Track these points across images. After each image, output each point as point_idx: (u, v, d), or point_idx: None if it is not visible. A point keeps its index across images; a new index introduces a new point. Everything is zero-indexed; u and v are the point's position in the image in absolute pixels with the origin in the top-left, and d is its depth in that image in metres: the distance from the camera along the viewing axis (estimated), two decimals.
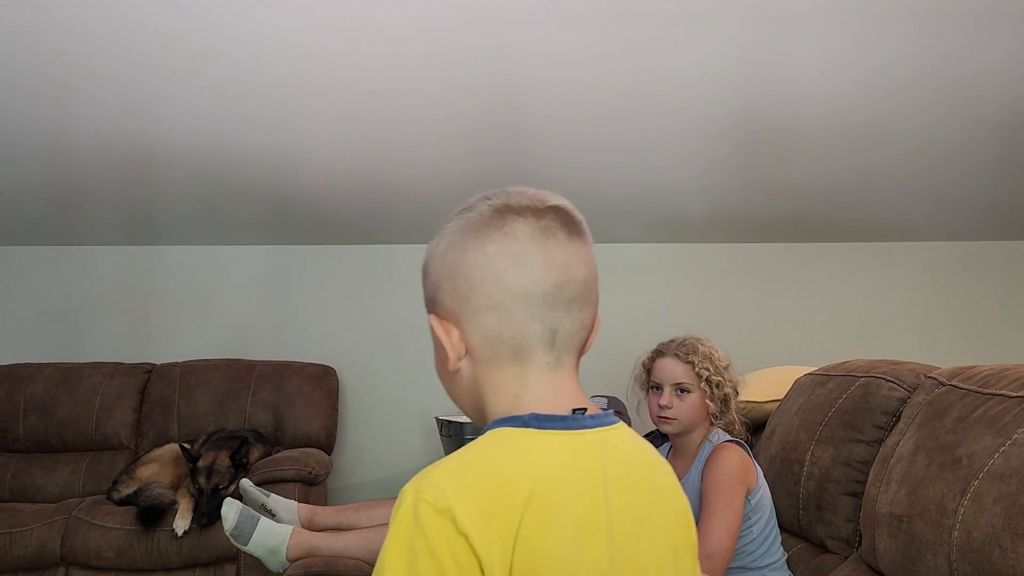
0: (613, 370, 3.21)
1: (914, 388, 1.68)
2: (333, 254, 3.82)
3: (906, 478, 1.45)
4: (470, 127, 2.98)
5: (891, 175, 3.30)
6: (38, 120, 2.97)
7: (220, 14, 2.47)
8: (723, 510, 1.64)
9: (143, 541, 2.82)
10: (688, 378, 1.81)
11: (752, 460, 1.76)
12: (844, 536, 1.72)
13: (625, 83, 2.77)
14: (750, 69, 2.73)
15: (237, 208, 3.56)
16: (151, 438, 3.40)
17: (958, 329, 3.73)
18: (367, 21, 2.49)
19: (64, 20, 2.49)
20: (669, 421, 1.82)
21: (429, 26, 2.50)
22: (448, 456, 0.76)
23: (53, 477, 3.32)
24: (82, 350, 3.68)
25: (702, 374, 1.78)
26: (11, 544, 2.85)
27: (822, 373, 2.00)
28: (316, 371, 3.55)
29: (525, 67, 2.69)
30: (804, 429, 1.87)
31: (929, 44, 2.59)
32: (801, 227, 3.69)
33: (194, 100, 2.86)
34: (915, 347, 3.17)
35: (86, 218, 3.64)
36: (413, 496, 0.69)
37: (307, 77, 2.73)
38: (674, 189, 3.41)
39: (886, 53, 2.64)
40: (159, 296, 3.81)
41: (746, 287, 3.78)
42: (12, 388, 3.46)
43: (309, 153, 3.16)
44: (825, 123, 2.98)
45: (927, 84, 2.77)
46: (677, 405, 1.80)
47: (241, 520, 2.15)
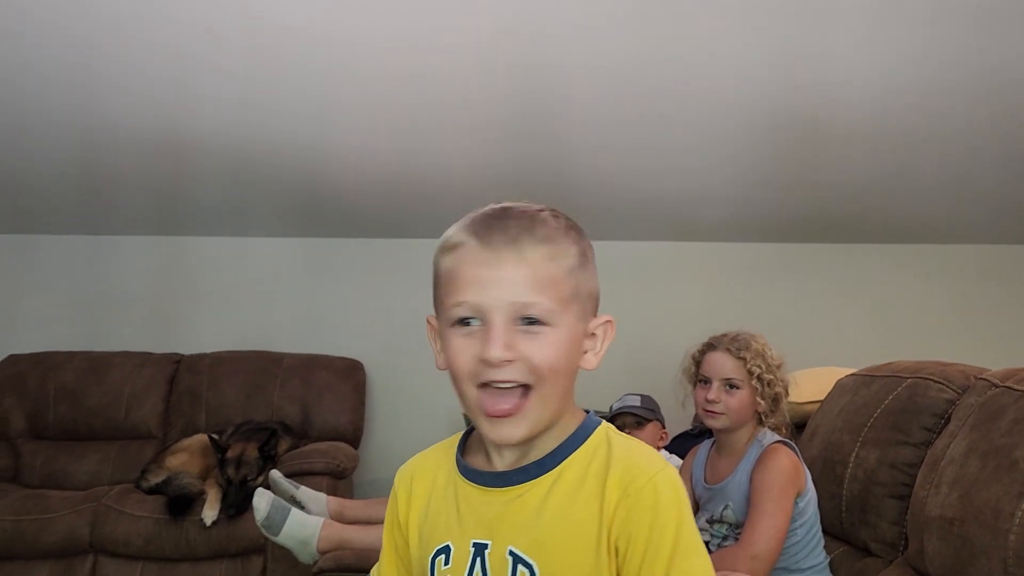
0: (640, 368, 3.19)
1: (964, 390, 1.64)
2: (363, 247, 3.81)
3: (958, 481, 1.42)
4: (501, 117, 2.95)
5: (926, 176, 3.24)
6: (70, 110, 2.99)
7: (252, 2, 2.46)
8: (773, 512, 1.61)
9: (171, 530, 2.83)
10: (739, 374, 1.77)
11: (802, 462, 1.72)
12: (889, 539, 1.68)
13: (654, 79, 2.75)
14: (782, 65, 2.69)
15: (267, 199, 3.57)
16: (179, 428, 3.42)
17: (992, 333, 3.66)
18: (398, 8, 2.47)
19: (97, 10, 2.50)
20: (716, 416, 1.78)
21: (456, 10, 2.48)
22: (640, 445, 0.91)
23: (82, 465, 3.35)
24: (112, 339, 3.70)
25: (753, 371, 1.75)
26: (40, 531, 2.87)
27: (866, 374, 1.96)
28: (344, 365, 3.55)
29: (552, 50, 2.65)
30: (848, 430, 1.83)
31: (967, 42, 2.55)
32: (832, 227, 3.64)
33: (225, 90, 2.86)
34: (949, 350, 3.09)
35: (117, 208, 3.66)
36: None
37: (336, 65, 2.71)
38: (703, 187, 3.37)
39: (923, 51, 2.59)
40: (188, 286, 3.82)
41: (777, 288, 3.73)
42: (43, 376, 3.48)
43: (340, 144, 3.15)
44: (859, 121, 2.93)
45: (966, 83, 2.72)
46: (725, 400, 1.77)
47: (272, 511, 2.15)
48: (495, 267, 0.84)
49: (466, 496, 0.92)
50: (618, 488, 0.85)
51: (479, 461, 0.93)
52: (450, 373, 0.88)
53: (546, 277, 0.84)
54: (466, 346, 0.85)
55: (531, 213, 0.88)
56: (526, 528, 0.86)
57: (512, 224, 0.86)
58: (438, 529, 0.93)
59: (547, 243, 0.85)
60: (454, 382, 0.88)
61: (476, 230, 0.86)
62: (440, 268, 0.89)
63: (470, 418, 0.90)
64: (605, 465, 0.87)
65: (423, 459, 1.01)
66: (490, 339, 0.83)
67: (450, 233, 0.89)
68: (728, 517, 1.75)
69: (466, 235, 0.87)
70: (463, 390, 0.87)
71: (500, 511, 0.88)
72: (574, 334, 0.88)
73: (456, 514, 0.91)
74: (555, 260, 0.86)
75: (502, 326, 0.83)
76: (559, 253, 0.86)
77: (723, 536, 1.75)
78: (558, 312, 0.85)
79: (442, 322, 0.89)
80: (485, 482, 0.91)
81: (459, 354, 0.86)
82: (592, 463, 0.88)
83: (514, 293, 0.83)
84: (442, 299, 0.88)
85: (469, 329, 0.85)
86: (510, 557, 0.86)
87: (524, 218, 0.87)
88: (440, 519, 0.93)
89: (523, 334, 0.84)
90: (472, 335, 0.85)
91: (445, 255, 0.88)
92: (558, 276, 0.85)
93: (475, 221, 0.88)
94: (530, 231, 0.85)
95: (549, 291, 0.84)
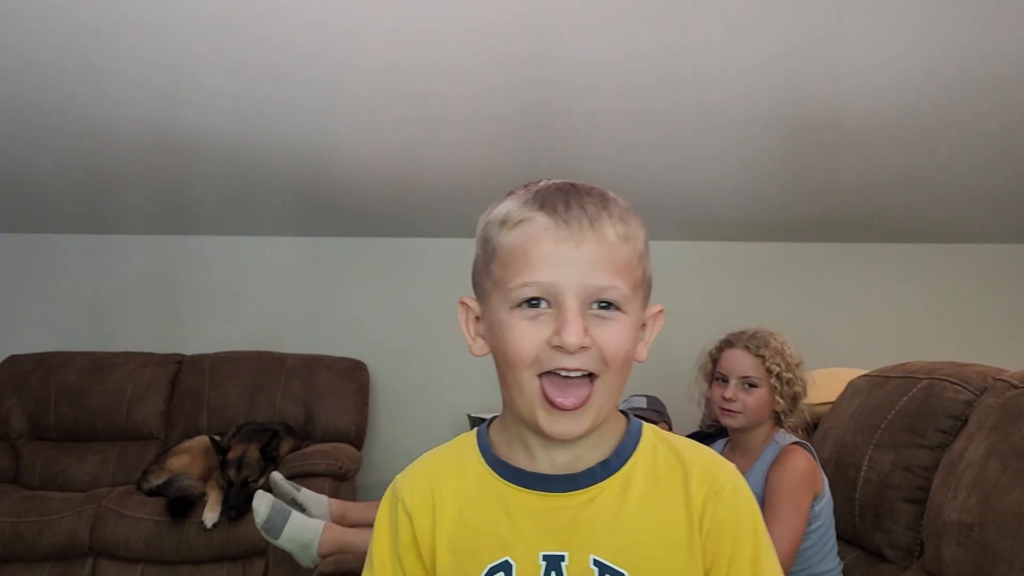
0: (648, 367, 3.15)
1: (981, 391, 1.60)
2: (366, 246, 3.78)
3: (978, 485, 1.38)
4: (508, 112, 2.91)
5: (942, 174, 3.20)
6: (73, 108, 2.96)
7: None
8: (789, 516, 1.56)
9: (172, 532, 2.79)
10: (757, 372, 1.73)
11: (819, 465, 1.68)
12: (904, 545, 1.64)
13: (663, 72, 2.70)
14: (794, 62, 2.65)
15: (270, 198, 3.54)
16: (181, 429, 3.38)
17: (1006, 332, 3.61)
18: (404, 1, 2.43)
19: (100, 6, 2.47)
20: (733, 415, 1.74)
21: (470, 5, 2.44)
22: (695, 443, 0.88)
23: (83, 466, 3.32)
24: (114, 339, 3.67)
25: (772, 369, 1.71)
26: (40, 532, 2.84)
27: (880, 375, 1.92)
28: (347, 365, 3.52)
29: (561, 42, 2.61)
30: (861, 432, 1.79)
31: (982, 37, 2.50)
32: (845, 226, 3.60)
33: (228, 88, 2.83)
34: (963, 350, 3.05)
35: (120, 207, 3.63)
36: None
37: (342, 58, 2.67)
38: (712, 183, 3.33)
39: (938, 45, 2.55)
40: (190, 286, 3.80)
41: (788, 287, 3.69)
42: (45, 375, 3.45)
43: (344, 142, 3.12)
44: (871, 118, 2.89)
45: (980, 78, 2.67)
46: (743, 399, 1.73)
47: (272, 513, 2.12)
48: (573, 246, 0.78)
49: (522, 503, 0.82)
50: (703, 486, 0.81)
51: (521, 461, 0.84)
52: (501, 360, 0.81)
53: (622, 260, 0.80)
54: (532, 330, 0.78)
55: (600, 191, 0.83)
56: (607, 534, 0.80)
57: (588, 201, 0.80)
58: (485, 544, 0.82)
59: (622, 223, 0.80)
60: (507, 370, 0.81)
61: (547, 205, 0.80)
62: (499, 245, 0.81)
63: (519, 410, 0.81)
64: (677, 463, 0.83)
65: (435, 465, 0.90)
66: (566, 323, 0.76)
67: (509, 208, 0.82)
68: None
69: (533, 210, 0.80)
70: (519, 378, 0.79)
71: (573, 517, 0.81)
72: (638, 323, 0.83)
73: (511, 524, 0.82)
74: (629, 242, 0.81)
75: (577, 309, 0.77)
76: (632, 235, 0.81)
77: None
78: (630, 298, 0.80)
79: (498, 304, 0.81)
80: (546, 486, 0.82)
81: (523, 339, 0.78)
82: (657, 461, 0.84)
83: (592, 275, 0.78)
84: (502, 279, 0.80)
85: (536, 312, 0.78)
86: (595, 567, 0.79)
87: (596, 195, 0.81)
88: (486, 532, 0.82)
89: (596, 319, 0.78)
90: (539, 318, 0.78)
91: (507, 231, 0.81)
92: (632, 260, 0.81)
93: (541, 195, 0.81)
94: (607, 210, 0.80)
95: (625, 275, 0.80)
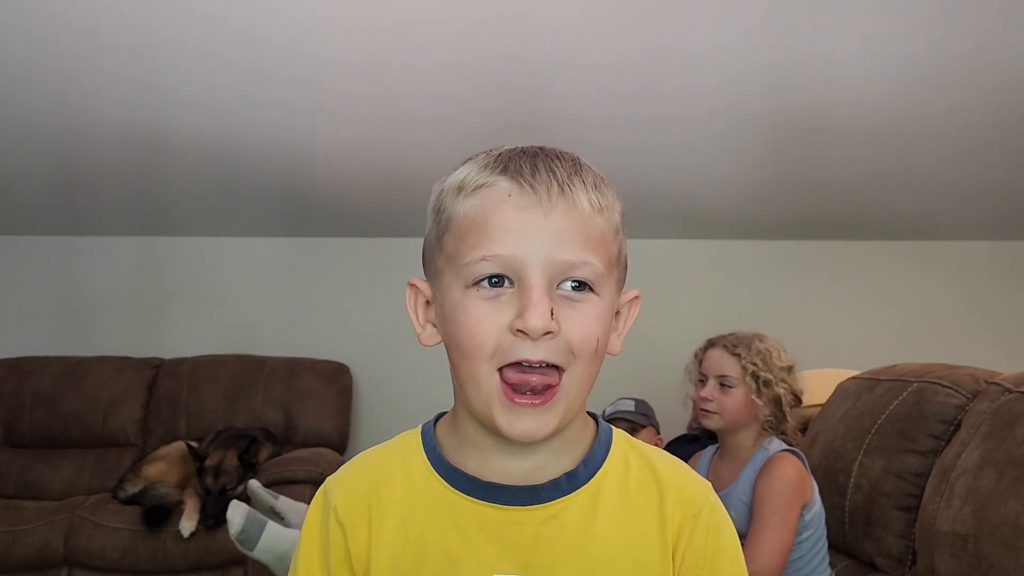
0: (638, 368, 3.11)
1: (974, 394, 1.55)
2: (347, 247, 3.72)
3: (972, 494, 1.33)
4: (492, 112, 2.87)
5: (930, 171, 3.16)
6: (47, 108, 2.91)
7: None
8: (777, 525, 1.52)
9: (148, 542, 2.73)
10: (733, 371, 1.70)
11: (809, 473, 1.63)
12: (895, 554, 1.60)
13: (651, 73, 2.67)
14: (782, 60, 2.61)
15: (250, 198, 3.48)
16: (159, 435, 3.32)
17: (998, 332, 3.58)
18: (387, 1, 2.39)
19: (72, 4, 2.41)
20: (709, 415, 1.72)
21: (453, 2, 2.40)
22: (667, 454, 0.79)
23: (58, 474, 3.26)
24: (89, 343, 3.61)
25: (748, 368, 1.66)
26: (13, 543, 2.77)
27: (869, 377, 1.88)
28: (329, 368, 3.46)
29: (547, 42, 2.58)
30: (851, 437, 1.74)
31: (968, 36, 2.47)
32: (834, 224, 3.56)
33: (204, 88, 2.77)
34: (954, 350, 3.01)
35: (95, 208, 3.57)
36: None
37: (323, 55, 2.63)
38: (701, 184, 3.30)
39: (924, 45, 2.52)
40: (168, 288, 3.74)
41: (776, 286, 3.65)
42: (18, 382, 3.38)
43: (324, 141, 3.07)
44: (861, 116, 2.85)
45: (968, 77, 2.65)
46: (719, 399, 1.70)
47: (247, 524, 2.06)
48: (540, 214, 0.67)
49: (475, 517, 0.72)
50: (680, 508, 0.73)
51: (472, 467, 0.73)
52: (454, 350, 0.70)
53: (596, 232, 0.69)
54: (491, 313, 0.67)
55: (572, 156, 0.73)
56: (571, 556, 0.70)
57: (558, 165, 0.70)
58: (431, 562, 0.71)
59: (597, 192, 0.70)
60: (460, 362, 0.69)
61: (510, 168, 0.69)
62: (454, 215, 0.70)
63: (473, 409, 0.70)
64: (651, 478, 0.74)
65: (375, 467, 0.77)
66: (530, 303, 0.65)
67: (467, 172, 0.71)
68: None
69: (494, 174, 0.69)
70: (474, 373, 0.68)
71: (533, 535, 0.71)
72: (613, 308, 0.73)
73: (462, 540, 0.71)
74: (604, 214, 0.70)
75: (543, 288, 0.66)
76: (608, 206, 0.71)
77: None
78: (605, 277, 0.70)
79: (451, 284, 0.70)
80: (503, 498, 0.71)
81: (480, 324, 0.67)
82: (629, 474, 0.74)
83: (561, 248, 0.67)
84: (457, 253, 0.69)
85: (496, 291, 0.67)
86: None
87: (567, 160, 0.71)
88: (432, 548, 0.72)
89: (565, 302, 0.68)
90: (499, 299, 0.67)
91: (464, 198, 0.70)
92: (607, 233, 0.71)
93: (505, 159, 0.71)
94: (580, 175, 0.70)
95: (599, 250, 0.69)
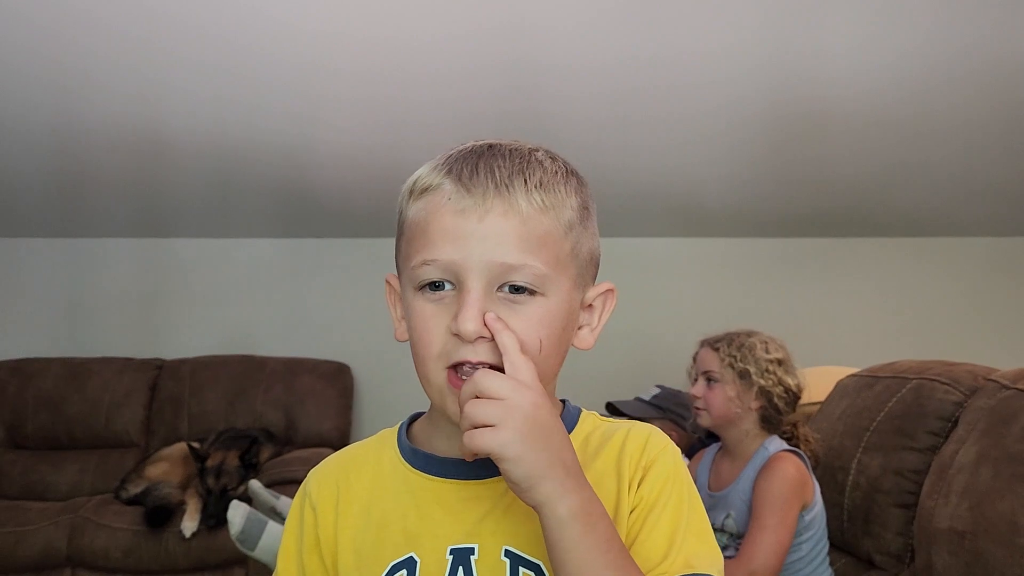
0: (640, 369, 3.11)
1: (972, 392, 1.55)
2: (348, 248, 3.72)
3: (969, 490, 1.33)
4: (491, 114, 2.87)
5: (931, 167, 3.15)
6: (47, 110, 2.91)
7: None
8: (775, 526, 1.51)
9: (151, 542, 2.74)
10: (717, 367, 1.70)
11: (810, 473, 1.63)
12: (894, 551, 1.60)
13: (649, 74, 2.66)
14: (781, 58, 2.61)
15: (249, 200, 3.48)
16: (161, 436, 3.33)
17: (999, 329, 3.57)
18: (381, 2, 2.39)
19: (73, 6, 2.42)
20: (699, 412, 1.73)
21: (445, 5, 2.41)
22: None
23: (61, 475, 3.26)
24: (91, 345, 3.61)
25: (724, 359, 1.68)
26: (17, 543, 2.79)
27: (868, 375, 1.88)
28: (329, 369, 3.46)
29: (542, 47, 2.58)
30: (849, 435, 1.74)
31: (970, 30, 2.46)
32: (834, 222, 3.56)
33: (205, 88, 2.78)
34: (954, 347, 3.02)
35: (95, 210, 3.57)
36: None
37: (321, 61, 2.64)
38: (701, 183, 3.29)
39: (925, 40, 2.51)
40: (169, 290, 3.74)
41: (775, 285, 3.64)
42: (21, 384, 3.39)
43: (324, 141, 3.07)
44: (860, 113, 2.85)
45: (969, 71, 2.64)
46: (706, 395, 1.71)
47: (248, 524, 2.07)
48: (475, 218, 0.69)
49: (434, 494, 0.75)
50: (636, 456, 0.73)
51: (442, 449, 0.77)
52: (412, 350, 0.73)
53: (538, 233, 0.70)
54: (436, 315, 0.70)
55: (523, 152, 0.73)
56: (523, 523, 0.71)
57: (500, 164, 0.71)
58: (390, 540, 0.74)
59: (542, 190, 0.71)
60: (415, 359, 0.73)
61: (454, 170, 0.71)
62: (406, 217, 0.74)
63: (432, 400, 0.74)
64: (610, 443, 0.75)
65: (350, 457, 0.82)
66: (462, 307, 0.68)
67: (421, 173, 0.74)
68: (729, 527, 1.66)
69: (441, 176, 0.72)
70: (426, 369, 0.72)
71: (490, 507, 0.73)
72: (568, 306, 0.73)
73: (419, 517, 0.74)
74: (550, 212, 0.71)
75: (479, 292, 0.68)
76: (555, 203, 0.71)
77: (723, 546, 1.66)
78: (551, 278, 0.71)
79: (405, 285, 0.74)
80: (463, 474, 0.74)
81: (426, 326, 0.71)
82: (588, 447, 0.75)
83: (498, 251, 0.68)
84: (407, 256, 0.73)
85: (439, 295, 0.70)
86: (507, 559, 0.71)
87: (515, 158, 0.72)
88: (391, 527, 0.75)
89: (505, 304, 0.69)
90: (443, 302, 0.70)
91: (413, 201, 0.73)
92: (553, 232, 0.71)
93: (453, 159, 0.73)
94: (524, 173, 0.71)
95: (541, 251, 0.70)
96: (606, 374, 2.97)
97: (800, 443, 1.69)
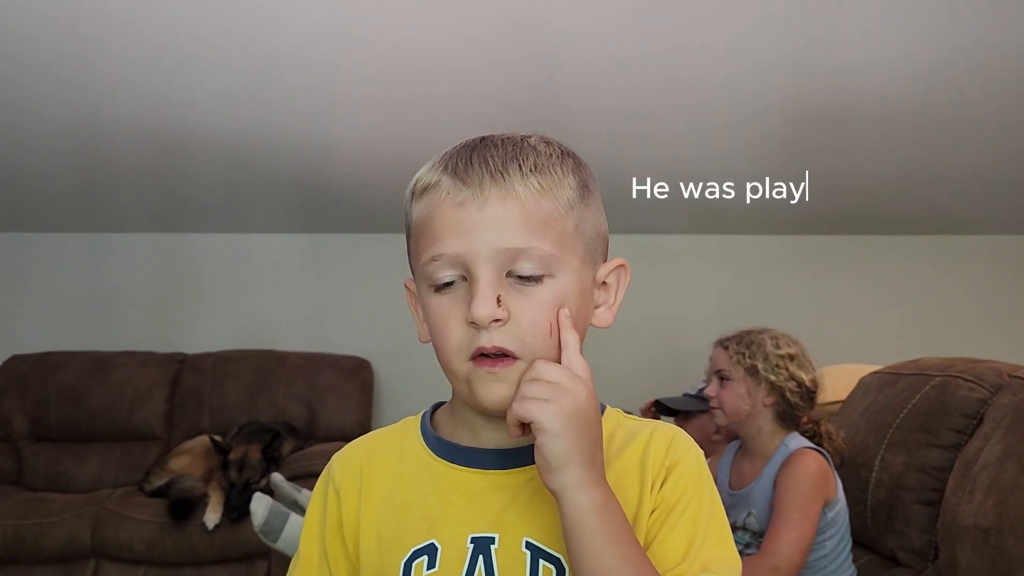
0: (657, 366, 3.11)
1: (997, 388, 1.55)
2: (368, 243, 3.73)
3: (994, 487, 1.33)
4: (509, 109, 2.87)
5: (954, 164, 3.13)
6: (68, 106, 2.93)
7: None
8: (798, 521, 1.51)
9: (174, 534, 2.77)
10: (727, 365, 1.70)
11: (832, 470, 1.62)
12: (918, 548, 1.59)
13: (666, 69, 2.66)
14: (799, 40, 2.58)
15: (270, 194, 3.50)
16: (183, 429, 3.36)
17: (1021, 327, 3.54)
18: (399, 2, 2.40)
19: (94, 4, 2.43)
20: (714, 411, 1.74)
21: (463, 4, 2.41)
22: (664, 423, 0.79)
23: (85, 467, 3.30)
24: (114, 338, 3.64)
25: (733, 356, 1.68)
26: (42, 535, 2.82)
27: (891, 372, 1.87)
28: (350, 364, 3.48)
29: (561, 42, 2.58)
30: (872, 432, 1.74)
31: (990, 27, 2.44)
32: (856, 219, 3.53)
33: (224, 84, 2.79)
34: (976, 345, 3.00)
35: (117, 205, 3.60)
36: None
37: (340, 58, 2.65)
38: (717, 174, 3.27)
39: (946, 36, 2.49)
40: (190, 284, 3.77)
41: (797, 282, 3.63)
42: (44, 376, 3.42)
43: (343, 137, 3.08)
44: (880, 109, 2.83)
45: (991, 68, 2.61)
46: (719, 394, 1.71)
47: (271, 516, 2.08)
48: (476, 207, 0.70)
49: (457, 482, 0.75)
50: (660, 457, 0.74)
51: (465, 440, 0.78)
52: (434, 347, 0.74)
53: (539, 215, 0.71)
54: (452, 309, 0.71)
55: (516, 140, 0.74)
56: (545, 515, 0.72)
57: (494, 154, 0.72)
58: (412, 525, 0.75)
59: (537, 173, 0.72)
60: (439, 356, 0.74)
61: (450, 166, 0.73)
62: (411, 218, 0.76)
63: (459, 393, 0.75)
64: (635, 441, 0.76)
65: (373, 442, 0.83)
66: (475, 294, 0.69)
67: (421, 174, 0.76)
68: (751, 525, 1.66)
69: (439, 173, 0.73)
70: (449, 363, 0.73)
71: (511, 497, 0.73)
72: (580, 285, 0.74)
73: (441, 504, 0.75)
74: (548, 193, 0.72)
75: (490, 278, 0.69)
76: (553, 184, 0.72)
77: (745, 544, 1.66)
78: (558, 257, 0.71)
79: (420, 285, 0.75)
80: (486, 463, 0.75)
81: (445, 320, 0.72)
82: (614, 439, 0.76)
83: (502, 238, 0.69)
84: (416, 255, 0.74)
85: (453, 289, 0.72)
86: (528, 551, 0.72)
87: (508, 146, 0.73)
88: (413, 513, 0.76)
89: (514, 290, 0.70)
90: (456, 295, 0.71)
91: (416, 201, 0.75)
92: (555, 212, 0.72)
93: (448, 156, 0.74)
94: (518, 160, 0.72)
95: (545, 232, 0.70)
96: (625, 371, 2.97)
97: (823, 440, 1.68)
